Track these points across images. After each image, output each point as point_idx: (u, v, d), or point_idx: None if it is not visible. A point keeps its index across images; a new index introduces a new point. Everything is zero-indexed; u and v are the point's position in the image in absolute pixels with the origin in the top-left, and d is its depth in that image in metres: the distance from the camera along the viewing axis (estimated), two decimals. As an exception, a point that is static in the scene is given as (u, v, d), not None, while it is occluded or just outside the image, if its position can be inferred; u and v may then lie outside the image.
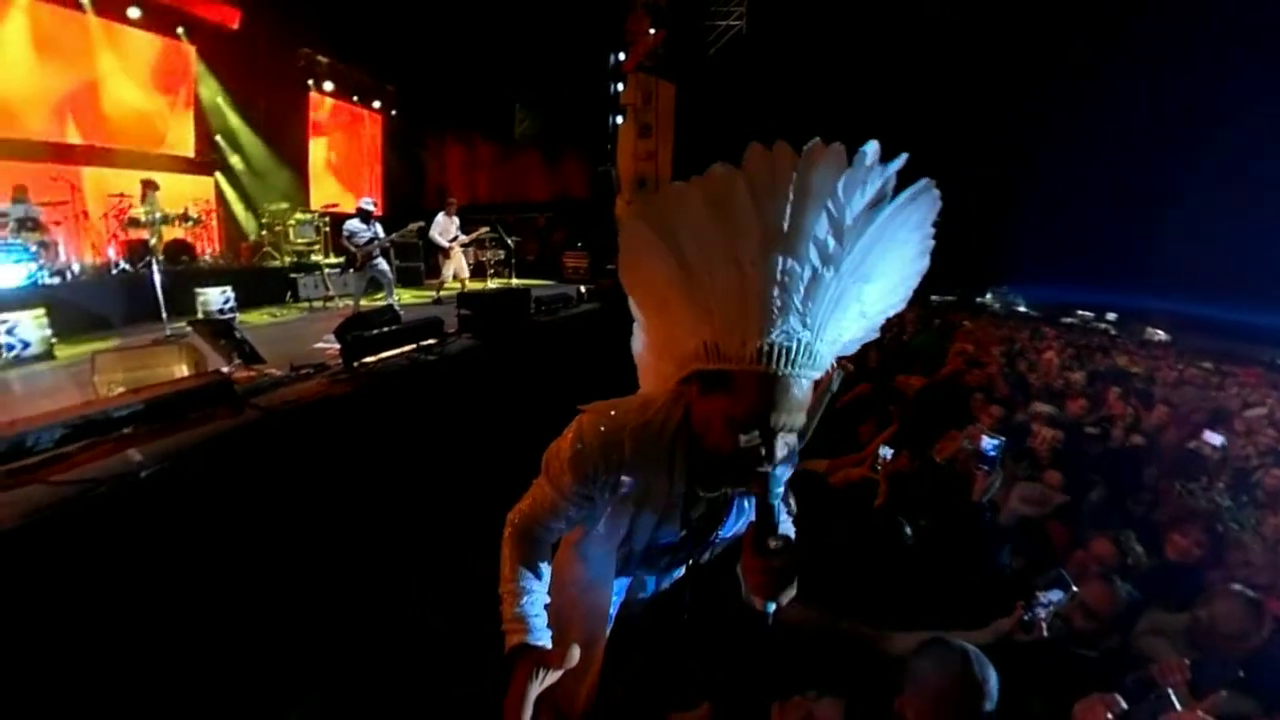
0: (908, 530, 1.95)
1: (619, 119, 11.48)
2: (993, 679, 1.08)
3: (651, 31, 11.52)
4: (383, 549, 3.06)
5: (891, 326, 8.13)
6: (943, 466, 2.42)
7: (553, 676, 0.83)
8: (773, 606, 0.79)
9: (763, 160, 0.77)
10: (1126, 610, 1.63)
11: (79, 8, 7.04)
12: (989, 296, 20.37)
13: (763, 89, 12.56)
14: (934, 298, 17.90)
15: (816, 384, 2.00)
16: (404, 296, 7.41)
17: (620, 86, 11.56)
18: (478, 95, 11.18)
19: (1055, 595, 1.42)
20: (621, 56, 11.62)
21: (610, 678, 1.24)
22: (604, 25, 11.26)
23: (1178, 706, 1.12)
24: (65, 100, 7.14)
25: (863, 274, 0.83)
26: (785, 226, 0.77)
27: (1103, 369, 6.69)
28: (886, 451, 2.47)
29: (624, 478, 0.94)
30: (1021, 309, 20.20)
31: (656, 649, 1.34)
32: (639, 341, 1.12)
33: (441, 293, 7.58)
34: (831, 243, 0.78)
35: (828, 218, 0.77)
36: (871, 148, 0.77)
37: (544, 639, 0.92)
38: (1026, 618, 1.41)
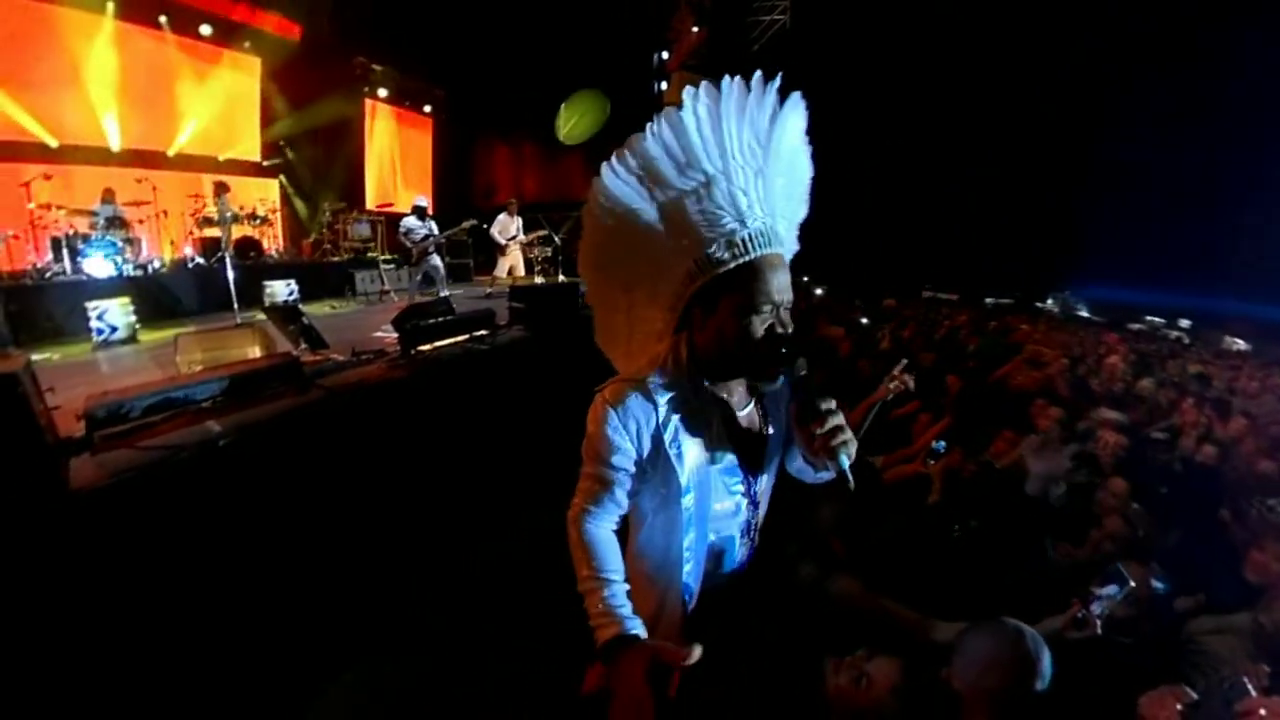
0: (955, 529, 1.95)
1: (662, 118, 11.50)
2: (1046, 660, 1.07)
3: (695, 29, 11.49)
4: (433, 523, 3.17)
5: (943, 326, 7.78)
6: (1001, 472, 2.35)
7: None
8: (846, 462, 0.91)
9: (698, 98, 0.95)
10: (1162, 597, 1.60)
11: (158, 27, 7.62)
12: (1049, 302, 19.11)
13: (808, 84, 12.27)
14: (989, 300, 17.07)
15: (869, 397, 1.97)
16: (454, 292, 7.59)
17: (664, 85, 11.57)
18: (523, 97, 11.40)
19: (1111, 590, 1.36)
20: (665, 55, 11.63)
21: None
22: (648, 25, 11.30)
23: (1253, 693, 1.05)
24: (148, 111, 7.71)
25: (779, 170, 1.03)
26: (731, 140, 0.96)
27: (1174, 377, 6.20)
28: (940, 445, 2.43)
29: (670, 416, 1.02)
30: (1083, 313, 18.92)
31: (732, 618, 1.30)
32: (612, 323, 1.21)
33: (492, 288, 7.73)
34: (759, 148, 0.99)
35: (751, 129, 0.98)
36: (758, 75, 0.97)
37: (638, 628, 0.92)
38: (1080, 615, 1.35)
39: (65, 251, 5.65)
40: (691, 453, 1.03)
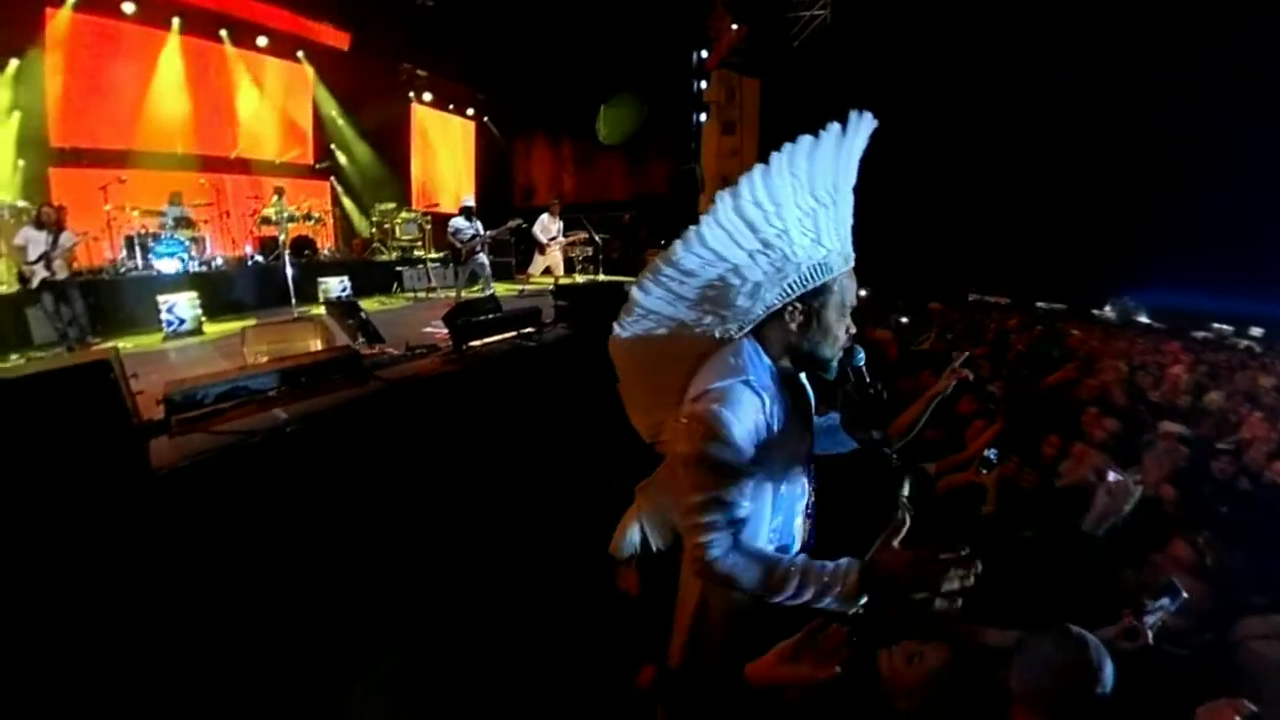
0: (1012, 541, 1.95)
1: (702, 117, 11.40)
2: (1109, 669, 1.07)
3: (734, 27, 11.36)
4: (484, 513, 3.23)
5: (990, 331, 7.49)
6: (1064, 492, 2.30)
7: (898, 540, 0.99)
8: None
9: (852, 121, 1.05)
10: (1219, 605, 1.58)
11: (219, 40, 8.06)
12: (1107, 309, 18.10)
13: (851, 80, 12.00)
14: (1040, 304, 16.30)
15: (932, 387, 2.03)
16: (497, 289, 7.70)
17: (703, 84, 11.48)
18: (563, 98, 11.50)
19: (1164, 602, 1.37)
20: (704, 54, 11.54)
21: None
22: (686, 23, 11.24)
23: None
24: (210, 119, 8.14)
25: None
26: (850, 167, 1.09)
27: (1243, 390, 5.76)
28: (992, 453, 2.35)
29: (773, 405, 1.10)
30: (1143, 319, 17.87)
31: None
32: (649, 334, 1.22)
33: (527, 286, 7.81)
34: (853, 176, 1.12)
35: (853, 159, 1.10)
36: (867, 114, 1.08)
37: (856, 559, 1.00)
38: (1132, 626, 1.35)
39: (137, 249, 5.96)
40: (790, 441, 1.12)
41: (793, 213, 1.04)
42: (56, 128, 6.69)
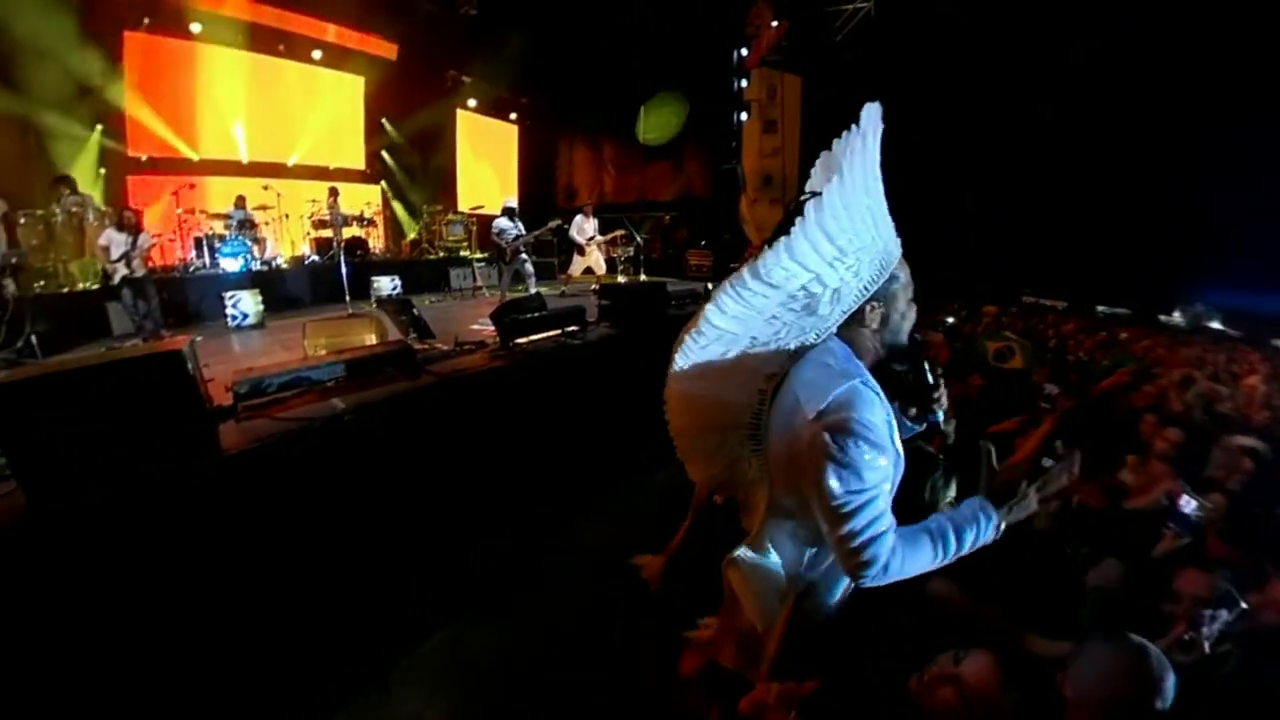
0: (1069, 553, 1.93)
1: (743, 116, 11.27)
2: (1170, 680, 1.05)
3: (774, 24, 11.20)
4: (526, 504, 3.32)
5: (1050, 337, 7.05)
6: (1130, 514, 2.21)
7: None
8: (942, 414, 1.29)
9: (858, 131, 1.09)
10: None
11: (279, 55, 8.51)
12: (1176, 315, 16.79)
13: (897, 74, 11.62)
14: (1101, 308, 15.35)
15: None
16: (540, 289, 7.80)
17: (744, 83, 11.35)
18: (603, 99, 11.56)
19: (1220, 613, 1.33)
20: (744, 52, 11.42)
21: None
22: (725, 21, 11.15)
23: None
24: (269, 127, 8.62)
25: None
26: (877, 155, 1.10)
27: None
28: (1049, 464, 2.21)
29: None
30: (1216, 325, 16.50)
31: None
32: (714, 352, 1.22)
33: (567, 287, 7.86)
34: None
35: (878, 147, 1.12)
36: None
37: (981, 500, 1.13)
38: (1187, 637, 1.31)
39: (205, 249, 6.30)
40: (898, 439, 1.12)
41: (858, 214, 1.07)
42: (133, 138, 7.17)
